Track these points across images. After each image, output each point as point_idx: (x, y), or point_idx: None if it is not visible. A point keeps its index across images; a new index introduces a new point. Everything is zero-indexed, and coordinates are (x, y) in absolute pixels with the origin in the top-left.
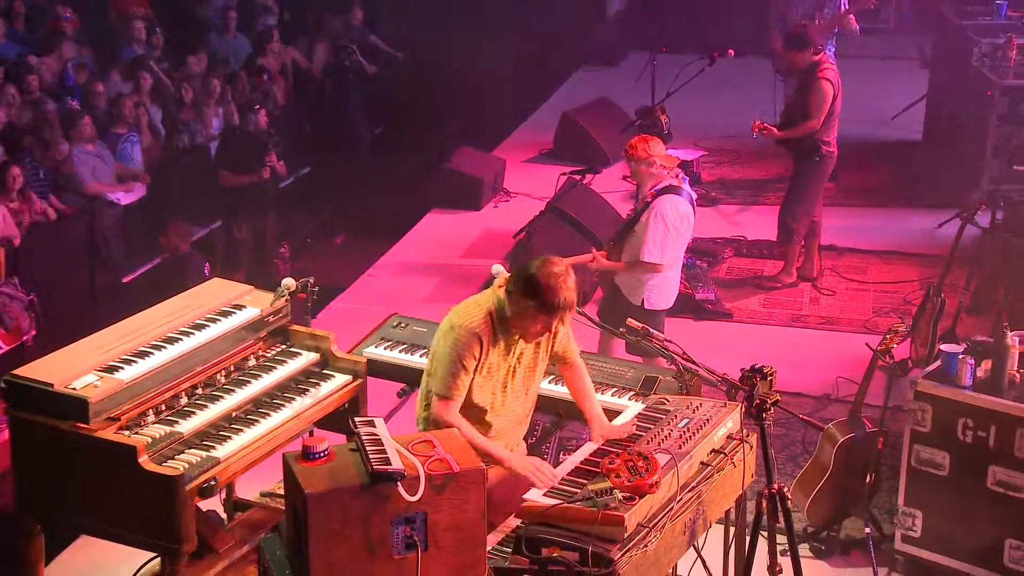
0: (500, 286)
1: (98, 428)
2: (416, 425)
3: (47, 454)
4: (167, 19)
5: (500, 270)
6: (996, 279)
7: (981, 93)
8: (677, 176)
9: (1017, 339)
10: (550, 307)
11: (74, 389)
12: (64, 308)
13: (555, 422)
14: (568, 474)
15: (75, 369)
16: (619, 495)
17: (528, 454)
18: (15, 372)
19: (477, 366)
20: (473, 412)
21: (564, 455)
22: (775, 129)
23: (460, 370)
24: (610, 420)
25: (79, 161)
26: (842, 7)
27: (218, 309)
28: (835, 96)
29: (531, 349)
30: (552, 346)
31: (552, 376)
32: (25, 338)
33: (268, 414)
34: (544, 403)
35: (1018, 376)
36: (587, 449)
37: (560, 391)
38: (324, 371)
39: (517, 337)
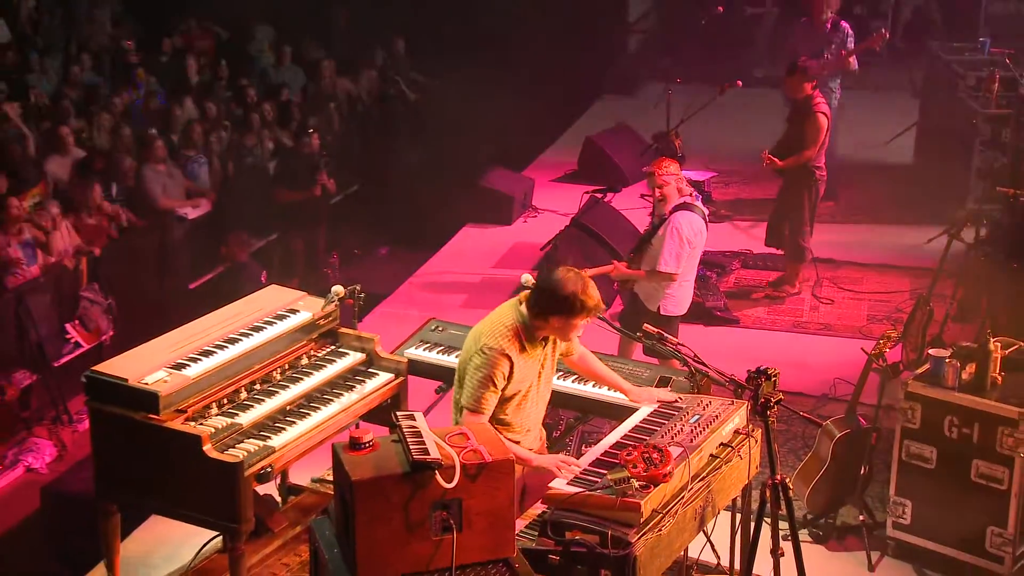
0: (521, 302)
1: (167, 419)
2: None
3: (122, 442)
4: (226, 52)
5: (529, 279)
6: (979, 290)
7: (966, 121)
8: (691, 194)
9: (999, 345)
10: (588, 311)
11: (146, 384)
12: (137, 311)
13: (579, 418)
14: (589, 464)
15: (147, 366)
16: (636, 484)
17: (553, 447)
18: (95, 368)
19: (507, 380)
20: (505, 414)
21: (585, 448)
22: (778, 160)
23: (489, 387)
24: (627, 417)
25: (152, 180)
26: (849, 46)
27: (274, 313)
28: (828, 127)
29: (550, 354)
30: (556, 348)
31: (574, 376)
32: (104, 338)
33: (319, 408)
34: (569, 401)
35: (999, 378)
36: (607, 442)
37: (582, 389)
38: (369, 370)
39: (541, 346)
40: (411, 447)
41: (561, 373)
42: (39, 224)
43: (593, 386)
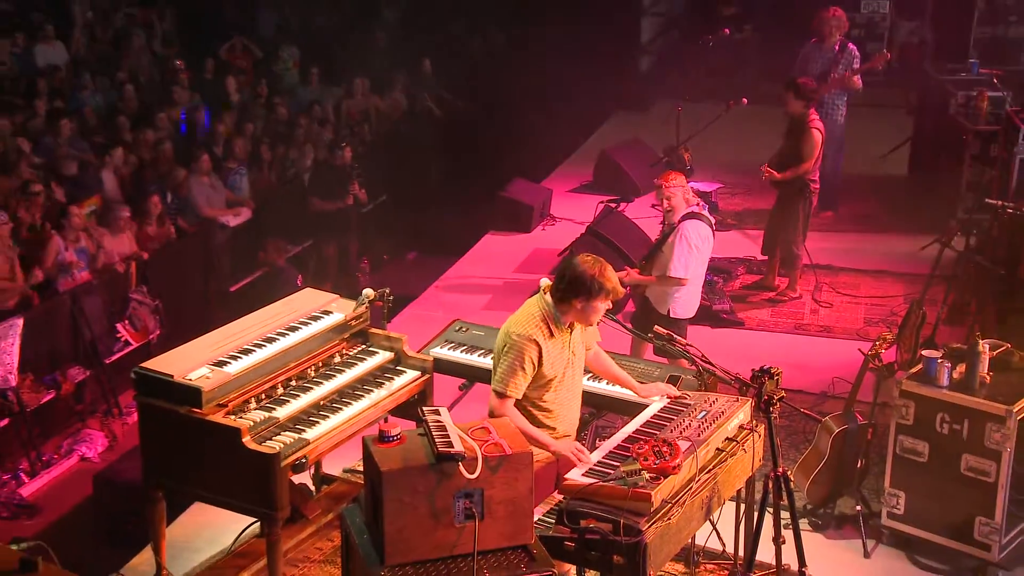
0: (545, 292)
1: (209, 413)
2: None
3: (168, 434)
4: (261, 72)
5: (547, 283)
6: (969, 295)
7: (957, 137)
8: (699, 204)
9: (987, 346)
10: (606, 292)
11: (190, 380)
12: (182, 312)
13: (593, 413)
14: (603, 457)
15: (191, 363)
16: (647, 475)
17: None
18: (142, 365)
19: (537, 366)
20: (544, 401)
21: (600, 441)
22: (776, 172)
23: (519, 371)
24: (639, 412)
25: (196, 190)
26: (855, 66)
27: (309, 314)
28: (822, 143)
29: (578, 342)
30: (588, 339)
31: (589, 375)
32: (151, 337)
33: (350, 403)
34: (584, 398)
35: (988, 378)
36: (620, 436)
37: (596, 387)
38: (397, 368)
39: (568, 331)
40: (436, 440)
41: None
42: (92, 233)
43: (607, 384)
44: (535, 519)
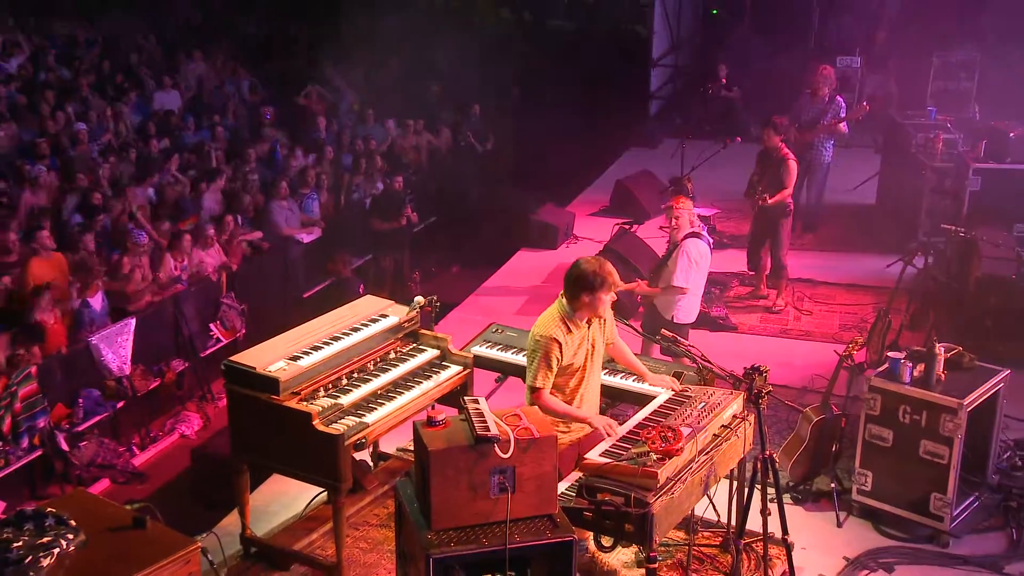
0: (562, 296)
1: (285, 399)
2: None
3: (251, 416)
4: (332, 113)
5: None
6: (927, 305)
7: (917, 172)
8: (699, 226)
9: (942, 349)
10: (607, 284)
11: (270, 371)
12: (264, 314)
13: (608, 403)
14: (617, 440)
15: (270, 357)
16: (654, 457)
17: None
18: (231, 358)
19: (561, 358)
20: (570, 386)
21: None
22: (768, 198)
23: (546, 367)
24: (648, 403)
25: (276, 212)
26: (841, 115)
27: (369, 317)
28: (802, 171)
29: (597, 335)
30: (605, 330)
31: (607, 370)
32: (238, 335)
33: (403, 392)
34: (601, 390)
35: (943, 376)
36: (631, 423)
37: (611, 380)
38: (443, 363)
39: (585, 326)
40: (475, 425)
41: None
42: (192, 252)
43: (621, 377)
44: (559, 492)
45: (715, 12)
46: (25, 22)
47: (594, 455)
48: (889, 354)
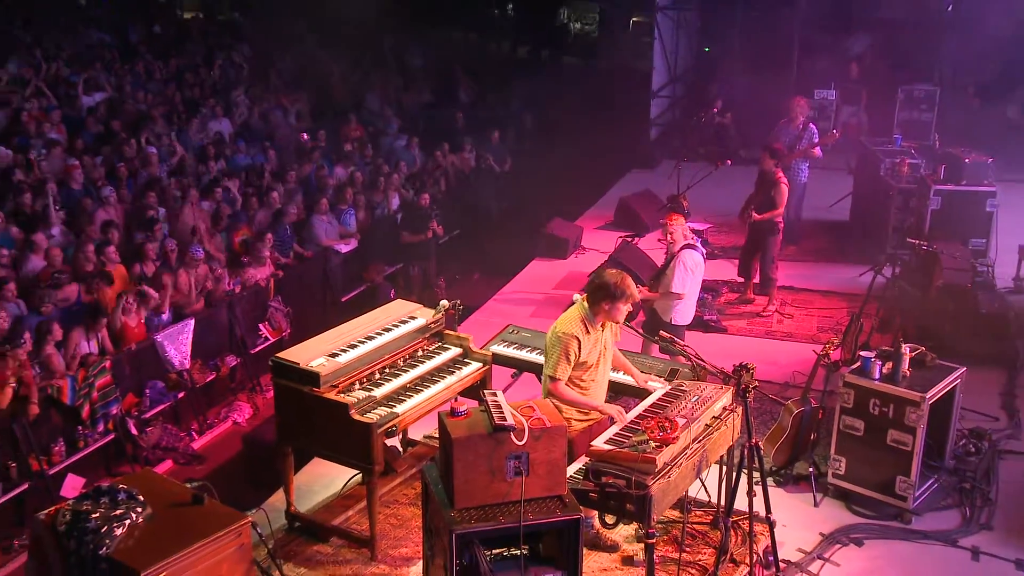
0: (584, 300)
1: (325, 391)
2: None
3: (295, 406)
4: (368, 138)
5: (578, 298)
6: (894, 310)
7: (885, 192)
8: (694, 239)
9: (907, 349)
10: (627, 296)
11: (311, 367)
12: (306, 316)
13: (612, 396)
14: (620, 429)
15: (312, 354)
16: (652, 444)
17: None
18: (277, 355)
19: (578, 355)
20: (583, 380)
21: None
22: (756, 214)
23: (565, 361)
24: (645, 398)
25: (317, 226)
26: (814, 140)
27: (399, 319)
28: (788, 193)
29: (609, 337)
30: (615, 334)
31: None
32: (284, 334)
33: (429, 386)
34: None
35: (908, 373)
36: (633, 414)
37: (615, 376)
38: (465, 360)
39: (602, 329)
40: (494, 415)
41: None
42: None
43: (622, 374)
44: (567, 476)
45: (708, 49)
46: (111, 63)
47: (599, 442)
48: (861, 353)
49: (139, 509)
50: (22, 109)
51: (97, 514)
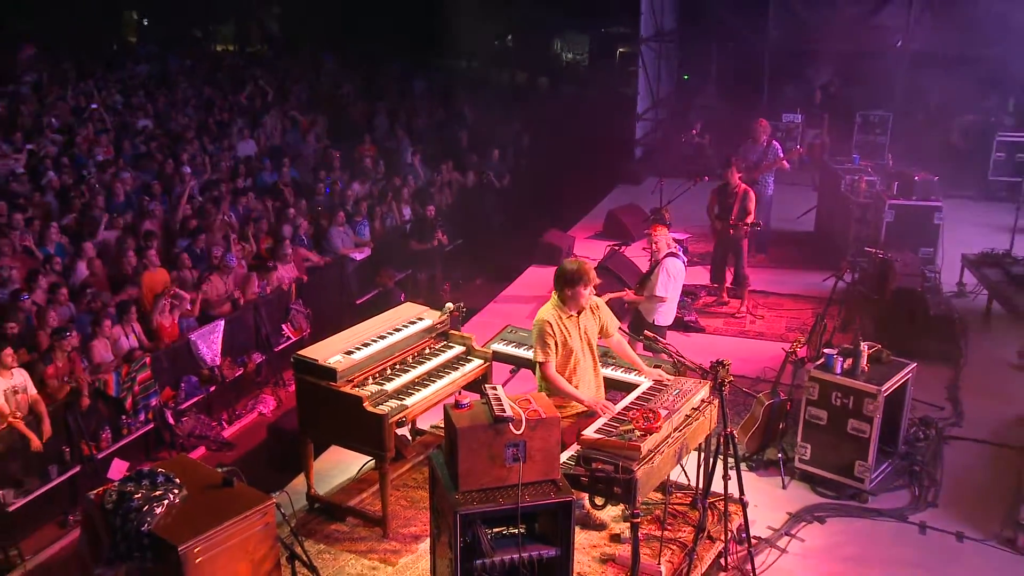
0: (555, 292)
1: (341, 386)
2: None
3: (314, 399)
4: (380, 155)
5: None
6: (854, 312)
7: (845, 206)
8: (675, 247)
9: (866, 347)
10: (584, 280)
11: (329, 363)
12: (324, 317)
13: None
14: (609, 420)
15: (330, 352)
16: (638, 433)
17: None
18: (299, 353)
19: (556, 340)
20: (569, 366)
21: None
22: (741, 224)
23: (543, 344)
24: (633, 390)
25: (335, 236)
26: (779, 155)
27: (408, 320)
28: (757, 201)
29: (591, 325)
30: (599, 319)
31: (601, 361)
32: (304, 334)
33: (435, 381)
34: None
35: (866, 368)
36: (620, 406)
37: (604, 372)
38: (467, 357)
39: (577, 317)
40: (494, 408)
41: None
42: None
43: (611, 369)
44: (561, 462)
45: (686, 77)
46: (153, 91)
47: (590, 432)
48: (824, 351)
49: (176, 491)
50: (76, 133)
51: (139, 495)
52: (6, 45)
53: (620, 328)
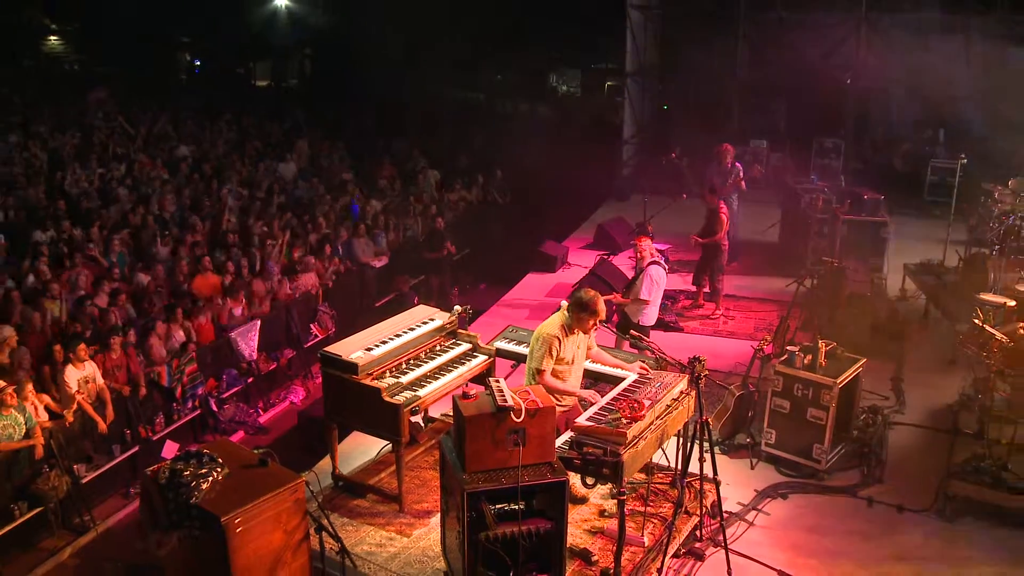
0: (566, 309)
1: (362, 379)
2: (526, 382)
3: (338, 390)
4: (398, 173)
5: (565, 304)
6: (813, 314)
7: (805, 221)
8: (658, 256)
9: (823, 344)
10: (596, 313)
11: (351, 358)
12: (347, 318)
13: (591, 383)
14: (598, 409)
15: (352, 348)
16: (624, 421)
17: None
18: (325, 349)
19: (558, 352)
20: (560, 373)
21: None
22: (698, 238)
23: (548, 356)
24: (618, 383)
25: (356, 245)
26: (741, 175)
27: (421, 320)
28: (727, 222)
29: (583, 342)
30: (589, 339)
31: (589, 361)
32: (330, 332)
33: (445, 375)
34: (586, 374)
35: (824, 363)
36: (608, 397)
37: (592, 367)
38: (474, 354)
39: (577, 333)
40: (497, 398)
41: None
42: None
43: (600, 366)
44: (556, 446)
45: (666, 107)
46: (199, 124)
47: (582, 420)
48: (788, 348)
49: (219, 469)
50: (135, 160)
51: (188, 472)
52: (82, 87)
53: (609, 328)
